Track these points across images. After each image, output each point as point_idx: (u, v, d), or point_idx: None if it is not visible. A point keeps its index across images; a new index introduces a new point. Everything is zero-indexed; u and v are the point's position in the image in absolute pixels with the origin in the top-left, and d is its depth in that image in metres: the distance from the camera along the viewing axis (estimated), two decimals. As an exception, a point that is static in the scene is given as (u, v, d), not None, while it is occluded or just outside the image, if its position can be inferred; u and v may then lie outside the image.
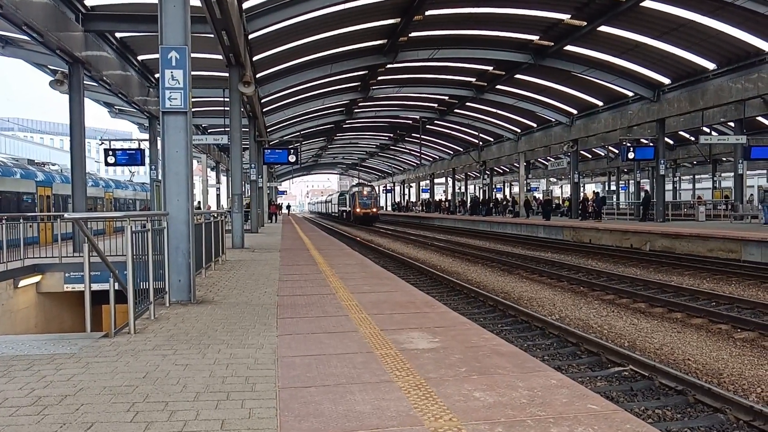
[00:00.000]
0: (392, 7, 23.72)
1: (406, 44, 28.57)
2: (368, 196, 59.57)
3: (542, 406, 4.08)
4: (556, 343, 9.78)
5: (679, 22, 24.01)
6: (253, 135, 29.98)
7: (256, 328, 6.81)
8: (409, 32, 26.86)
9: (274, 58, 26.56)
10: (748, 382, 7.58)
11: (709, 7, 22.02)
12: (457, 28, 27.67)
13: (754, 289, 14.70)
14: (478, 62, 33.33)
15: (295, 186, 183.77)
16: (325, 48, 27.57)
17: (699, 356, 8.83)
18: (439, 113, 47.90)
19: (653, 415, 6.48)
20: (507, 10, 25.53)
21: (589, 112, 37.75)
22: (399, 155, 77.38)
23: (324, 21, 23.33)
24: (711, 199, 45.28)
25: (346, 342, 6.07)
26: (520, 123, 46.16)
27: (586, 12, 24.51)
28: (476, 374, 4.87)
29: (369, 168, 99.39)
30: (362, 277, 11.45)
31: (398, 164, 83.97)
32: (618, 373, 7.92)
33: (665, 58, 27.98)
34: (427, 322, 6.99)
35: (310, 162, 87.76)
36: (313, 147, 70.02)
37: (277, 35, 23.36)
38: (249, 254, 16.74)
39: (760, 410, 6.07)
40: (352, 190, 62.73)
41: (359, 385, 4.63)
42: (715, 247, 21.07)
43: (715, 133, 34.99)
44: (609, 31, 26.20)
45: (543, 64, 30.55)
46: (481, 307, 13.09)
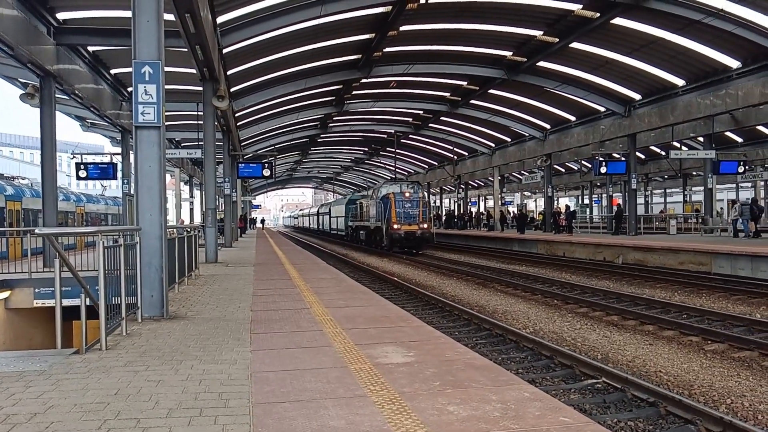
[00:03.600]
0: (367, 23, 23.87)
1: (380, 59, 28.73)
2: (412, 201, 32.69)
3: (515, 419, 4.11)
4: (530, 356, 9.83)
5: (648, 39, 24.47)
6: (227, 149, 29.86)
7: (229, 344, 6.77)
8: (384, 47, 27.03)
9: (249, 72, 26.53)
10: (718, 393, 7.68)
11: (677, 25, 22.48)
12: (432, 43, 27.90)
13: (723, 302, 14.93)
14: (453, 77, 33.60)
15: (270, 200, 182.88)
16: (300, 62, 27.61)
17: (670, 368, 8.93)
18: (414, 127, 48.12)
19: (625, 427, 6.54)
20: (480, 26, 25.81)
21: (562, 127, 38.21)
22: (374, 169, 77.48)
23: (298, 36, 23.38)
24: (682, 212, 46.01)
25: (320, 357, 6.06)
26: (495, 137, 46.55)
27: (558, 29, 24.88)
28: (450, 388, 4.89)
29: (344, 182, 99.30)
30: (337, 292, 11.44)
31: (373, 178, 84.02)
32: (591, 386, 7.98)
33: (636, 75, 28.48)
34: (401, 337, 7.00)
35: (284, 176, 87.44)
36: (287, 161, 69.82)
37: (251, 50, 23.35)
38: (223, 269, 16.63)
39: (729, 421, 6.16)
40: (382, 191, 35.11)
41: (333, 400, 4.63)
42: (686, 260, 21.38)
43: (685, 147, 35.58)
44: (580, 48, 26.60)
45: (516, 80, 30.90)
46: (456, 321, 13.12)
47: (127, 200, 25.61)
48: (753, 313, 13.17)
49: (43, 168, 16.39)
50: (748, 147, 40.02)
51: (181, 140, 37.68)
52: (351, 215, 45.85)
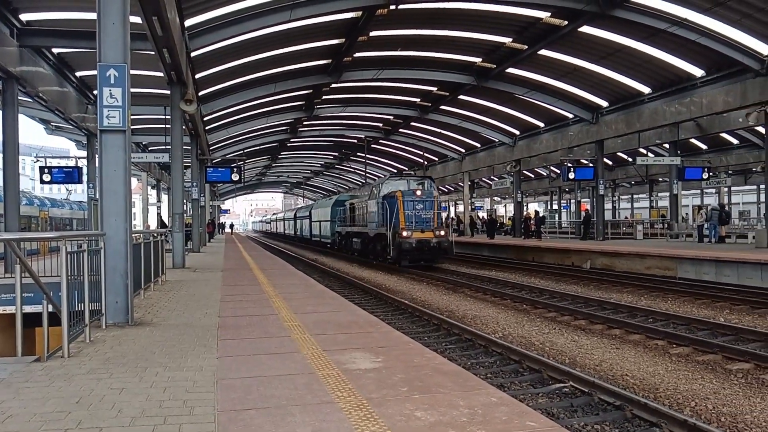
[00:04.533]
0: (337, 28, 23.84)
1: (350, 64, 28.72)
2: (425, 201, 26.35)
3: (482, 424, 4.12)
4: (499, 360, 9.87)
5: (615, 48, 24.84)
6: (195, 153, 29.58)
7: (195, 350, 6.68)
8: (354, 53, 27.03)
9: (217, 76, 26.33)
10: (682, 396, 7.78)
11: (643, 34, 22.85)
12: (402, 49, 27.96)
13: (688, 306, 15.17)
14: (423, 83, 33.71)
15: (239, 205, 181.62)
16: (269, 67, 27.48)
17: (636, 371, 9.03)
18: (384, 133, 48.18)
19: (592, 430, 6.60)
20: (450, 33, 25.95)
21: (531, 133, 38.57)
22: (344, 174, 77.42)
23: (268, 40, 23.26)
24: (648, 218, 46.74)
25: (287, 363, 6.01)
26: (464, 143, 46.82)
27: (527, 36, 25.12)
28: (418, 393, 4.88)
29: (314, 187, 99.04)
30: (306, 297, 11.37)
31: (343, 183, 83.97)
32: (559, 390, 8.03)
33: (603, 82, 28.87)
34: (370, 342, 6.98)
35: (254, 180, 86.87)
36: (257, 165, 69.41)
37: (220, 54, 23.17)
38: (190, 274, 16.44)
39: (693, 424, 6.24)
40: (385, 188, 28.24)
41: (300, 407, 4.59)
42: (652, 265, 21.70)
43: (651, 154, 36.19)
44: (549, 55, 26.89)
45: (486, 86, 31.11)
46: (426, 326, 13.12)
47: (93, 205, 25.22)
48: (717, 317, 13.40)
49: (5, 172, 16.06)
50: (712, 154, 40.90)
51: (149, 144, 37.22)
52: (339, 219, 38.21)
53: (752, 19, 20.27)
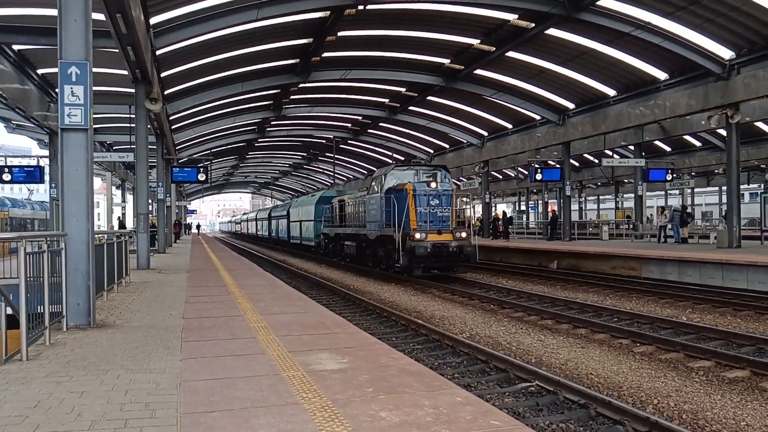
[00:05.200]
0: (305, 28, 23.73)
1: (318, 64, 28.61)
2: (441, 197, 21.66)
3: (447, 423, 4.12)
4: (466, 360, 9.89)
5: (580, 50, 25.14)
6: (161, 153, 29.22)
7: (159, 352, 6.59)
8: (322, 52, 26.93)
9: (184, 74, 26.03)
10: (645, 394, 7.88)
11: (608, 37, 23.16)
12: (370, 49, 27.96)
13: (652, 305, 15.39)
14: (392, 83, 33.73)
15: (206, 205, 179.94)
16: (236, 66, 27.25)
17: (601, 370, 9.12)
18: (353, 133, 48.12)
19: (557, 429, 6.64)
20: (419, 34, 26.02)
21: (499, 134, 38.84)
22: (313, 174, 77.13)
23: (235, 39, 23.06)
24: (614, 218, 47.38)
25: (252, 364, 5.95)
26: (433, 144, 46.97)
27: (495, 38, 25.29)
28: (383, 394, 4.87)
29: (282, 187, 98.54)
30: (273, 299, 11.30)
31: (312, 184, 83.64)
32: (525, 389, 8.07)
33: (569, 84, 29.20)
34: (336, 343, 6.95)
35: (221, 181, 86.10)
36: (224, 165, 68.78)
37: (186, 52, 22.91)
38: (155, 275, 16.23)
39: (655, 421, 6.33)
40: (389, 179, 22.99)
41: (264, 409, 4.54)
42: (617, 265, 22.00)
43: (616, 156, 36.69)
44: (516, 57, 27.11)
45: (454, 87, 31.25)
46: (394, 327, 13.11)
47: (54, 205, 24.76)
48: (679, 316, 13.63)
49: (-36, 171, 15.68)
50: (676, 156, 41.65)
51: (113, 143, 36.66)
52: (325, 219, 32.69)
53: (714, 23, 20.68)
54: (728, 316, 13.60)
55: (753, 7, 19.39)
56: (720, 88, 22.43)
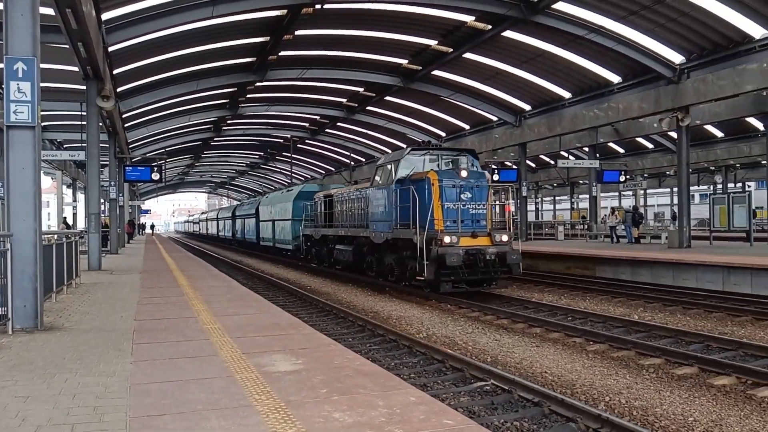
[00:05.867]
0: (261, 26, 23.53)
1: (275, 63, 28.41)
2: (474, 188, 16.88)
3: (400, 423, 4.12)
4: (422, 360, 9.91)
5: (536, 52, 25.47)
6: (114, 151, 28.65)
7: (109, 355, 6.45)
8: (279, 51, 26.74)
9: (137, 72, 25.56)
10: (598, 391, 8.00)
11: (563, 40, 23.52)
12: (328, 49, 27.86)
13: (606, 304, 15.66)
14: (349, 83, 33.66)
15: (161, 205, 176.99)
16: (192, 63, 26.88)
17: (555, 369, 9.23)
18: (311, 132, 47.91)
19: (511, 427, 6.69)
20: (377, 34, 26.03)
21: (456, 135, 39.10)
22: (270, 174, 76.60)
23: (190, 36, 22.73)
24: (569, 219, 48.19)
25: (205, 367, 5.87)
26: (391, 144, 46.99)
27: (452, 39, 25.44)
28: (337, 395, 4.84)
29: (239, 187, 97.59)
30: (228, 300, 11.17)
31: (269, 183, 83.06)
32: (480, 388, 8.12)
33: (526, 86, 29.56)
34: (291, 344, 6.89)
35: (175, 180, 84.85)
36: (179, 164, 67.81)
37: (139, 49, 22.50)
38: (107, 276, 15.90)
39: (606, 418, 6.43)
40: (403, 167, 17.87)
41: (216, 411, 4.48)
42: (572, 265, 22.35)
43: (572, 157, 37.30)
44: (474, 58, 27.33)
45: (412, 87, 31.35)
46: (351, 328, 13.07)
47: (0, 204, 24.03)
48: (631, 315, 13.90)
49: None
50: (629, 157, 42.57)
51: (63, 141, 35.83)
52: (307, 218, 27.49)
53: (665, 28, 21.17)
54: (678, 315, 13.92)
55: (702, 13, 19.91)
56: (671, 91, 22.96)
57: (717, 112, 26.76)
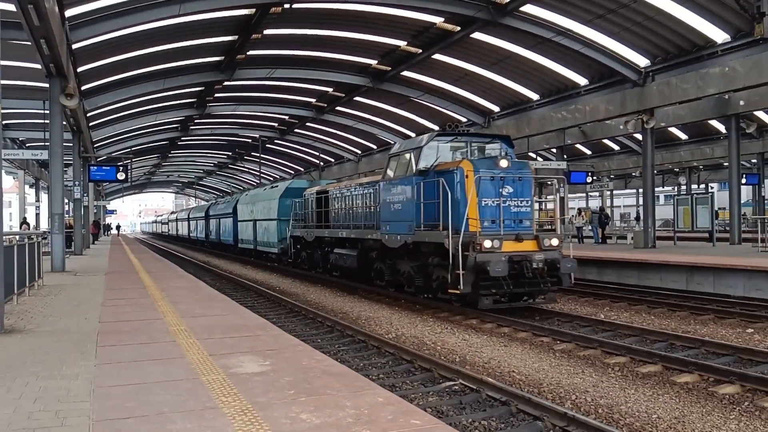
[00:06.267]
0: (230, 25, 23.32)
1: (244, 62, 28.18)
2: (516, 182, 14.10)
3: (368, 424, 4.10)
4: (391, 361, 9.90)
5: (505, 54, 25.65)
6: (78, 150, 28.16)
7: (72, 358, 6.33)
8: (248, 50, 26.54)
9: (102, 70, 25.15)
10: (564, 390, 8.08)
11: (531, 42, 23.72)
12: (297, 48, 27.73)
13: (572, 304, 15.84)
14: (319, 83, 33.53)
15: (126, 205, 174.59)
16: (158, 62, 26.53)
17: (523, 368, 9.30)
18: (280, 132, 47.64)
19: (479, 426, 6.72)
20: (346, 34, 25.96)
21: (425, 136, 39.11)
22: (238, 174, 75.99)
23: (156, 34, 22.44)
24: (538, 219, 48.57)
25: (171, 369, 5.79)
26: (361, 144, 47.01)
27: (421, 40, 25.50)
28: (305, 396, 4.81)
29: (207, 187, 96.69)
30: (194, 301, 11.04)
31: (237, 183, 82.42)
32: (449, 388, 8.14)
33: (494, 87, 29.75)
34: (258, 346, 6.84)
35: (142, 180, 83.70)
36: (146, 164, 66.88)
37: (105, 46, 22.13)
38: (70, 278, 15.62)
39: (573, 416, 6.49)
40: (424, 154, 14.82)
41: (182, 414, 4.41)
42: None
43: (540, 158, 37.61)
44: (443, 59, 27.42)
45: (381, 88, 31.33)
46: (320, 328, 13.01)
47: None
48: (597, 314, 14.08)
49: None
50: (596, 159, 43.10)
51: (26, 140, 35.14)
52: (296, 217, 24.55)
53: (630, 32, 21.48)
54: (643, 314, 14.13)
55: (667, 17, 20.25)
56: (636, 94, 23.30)
57: (681, 114, 27.20)
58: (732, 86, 20.18)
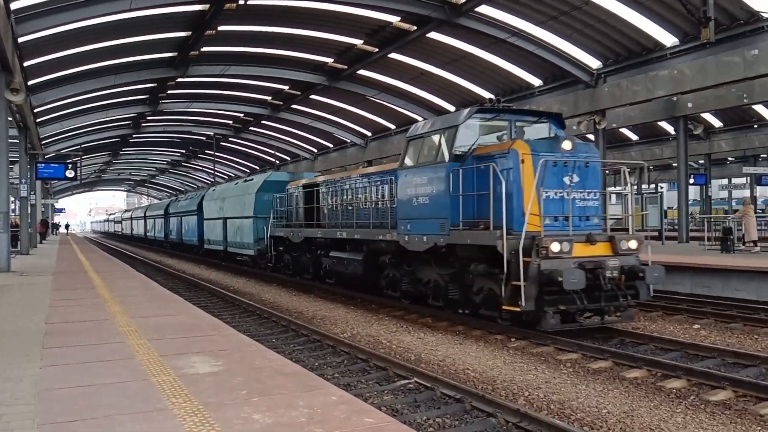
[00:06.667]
0: (183, 20, 22.97)
1: (197, 58, 27.79)
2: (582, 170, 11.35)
3: (321, 423, 4.09)
4: (347, 360, 9.87)
5: (460, 54, 25.86)
6: (25, 147, 27.36)
7: (16, 360, 6.15)
8: (201, 46, 26.19)
9: (51, 64, 24.52)
10: (518, 386, 8.17)
11: (486, 42, 23.97)
12: (252, 45, 27.49)
13: (525, 301, 15.99)
14: (274, 81, 33.33)
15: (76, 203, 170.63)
16: (109, 57, 26.00)
17: (477, 365, 9.36)
18: (235, 130, 47.18)
19: (433, 424, 6.74)
20: (302, 32, 25.83)
21: (382, 135, 39.25)
22: (192, 172, 74.97)
23: (107, 29, 21.95)
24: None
25: (120, 370, 5.67)
26: (317, 143, 46.85)
27: (378, 39, 25.54)
28: (258, 396, 4.76)
29: (160, 185, 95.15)
30: (146, 301, 10.85)
31: (191, 182, 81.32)
32: (404, 386, 8.15)
33: (450, 87, 29.95)
34: (210, 346, 6.75)
35: (92, 178, 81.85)
36: (96, 162, 65.42)
37: (53, 41, 21.59)
38: (16, 278, 15.19)
39: (525, 412, 6.57)
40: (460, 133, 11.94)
41: (131, 416, 4.33)
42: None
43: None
44: (399, 58, 27.52)
45: (337, 86, 31.30)
46: (274, 328, 12.90)
47: None
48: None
49: None
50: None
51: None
52: (278, 215, 21.49)
53: (582, 34, 21.87)
54: (594, 311, 14.36)
55: (617, 20, 20.69)
56: (588, 95, 23.73)
57: (631, 116, 27.80)
58: (680, 89, 20.73)
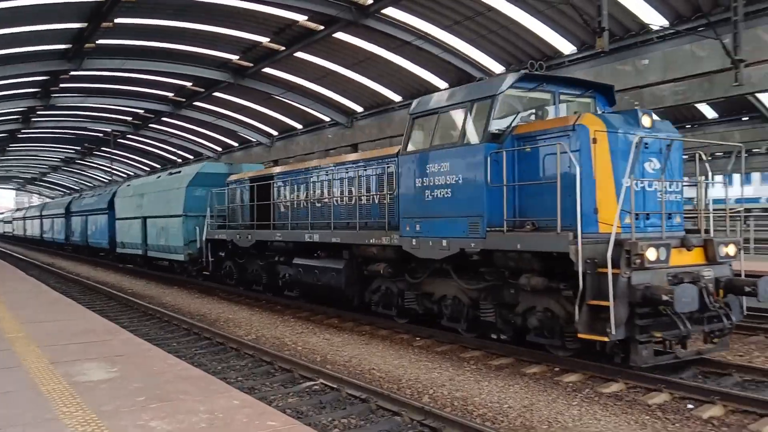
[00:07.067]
0: (78, 11, 21.96)
1: (93, 51, 26.65)
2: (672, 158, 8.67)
3: (222, 427, 4.00)
4: (251, 363, 9.71)
5: (366, 55, 25.94)
6: None
7: None
8: (98, 39, 25.11)
9: (-72, 53, 22.92)
10: (422, 385, 8.26)
11: (393, 44, 24.15)
12: (152, 39, 26.66)
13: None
14: (176, 77, 32.41)
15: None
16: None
17: (383, 365, 9.40)
18: (134, 127, 45.56)
19: (339, 424, 6.71)
20: (206, 27, 25.22)
21: (288, 134, 38.85)
22: (88, 170, 71.75)
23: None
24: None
25: (5, 380, 5.34)
26: (221, 142, 45.88)
27: (284, 37, 25.30)
28: (156, 402, 4.60)
29: (52, 183, 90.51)
30: (37, 305, 10.31)
31: (87, 180, 77.85)
32: (309, 388, 8.09)
33: (357, 88, 29.99)
34: (106, 351, 6.47)
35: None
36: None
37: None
38: None
39: (429, 410, 6.66)
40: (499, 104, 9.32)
41: (19, 428, 4.08)
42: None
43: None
44: (305, 58, 27.34)
45: (243, 84, 30.83)
46: (175, 332, 12.51)
47: None
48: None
49: None
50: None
51: None
52: (216, 213, 18.44)
53: (486, 39, 22.38)
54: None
55: (519, 28, 21.30)
56: (495, 99, 24.26)
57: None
58: (577, 95, 21.54)
